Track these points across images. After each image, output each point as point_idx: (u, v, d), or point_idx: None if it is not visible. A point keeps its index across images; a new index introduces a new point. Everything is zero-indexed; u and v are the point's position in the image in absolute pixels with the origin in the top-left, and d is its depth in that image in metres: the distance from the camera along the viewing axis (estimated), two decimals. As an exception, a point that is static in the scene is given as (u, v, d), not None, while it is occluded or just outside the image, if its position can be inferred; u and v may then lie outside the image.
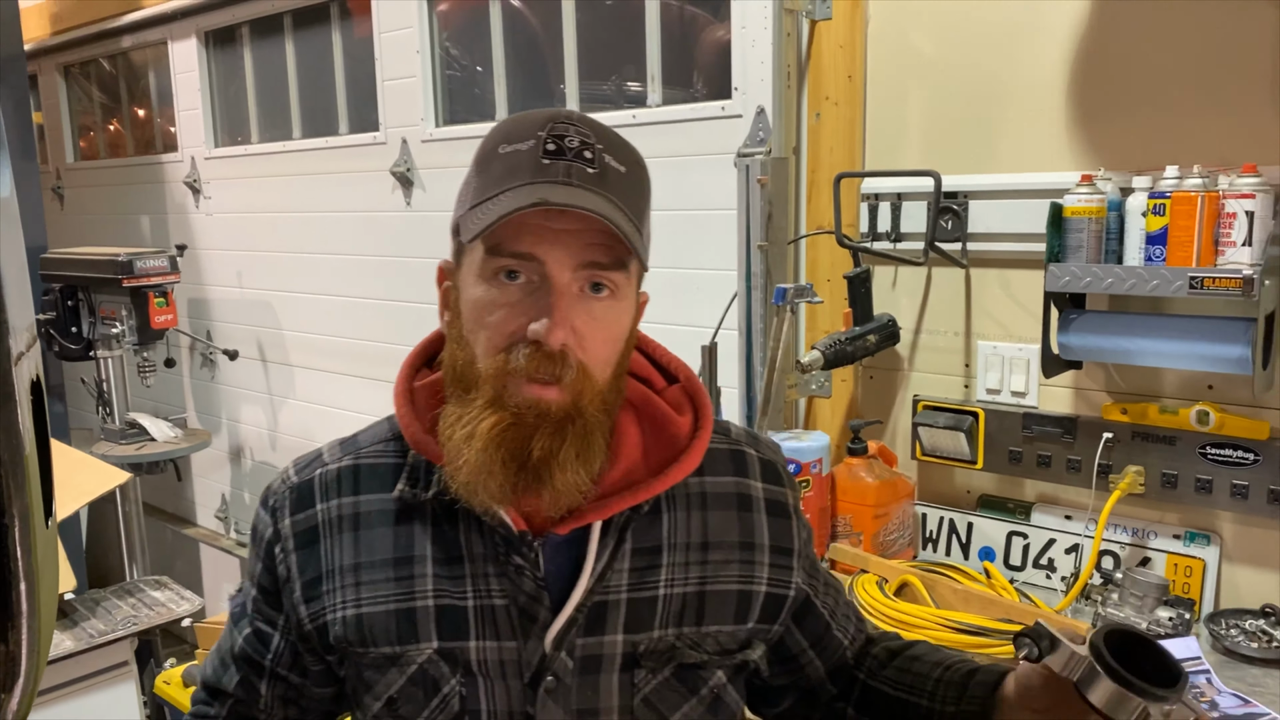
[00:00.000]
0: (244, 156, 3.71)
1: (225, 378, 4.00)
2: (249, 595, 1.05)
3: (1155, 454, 1.85)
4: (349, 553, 0.97)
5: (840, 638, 1.10)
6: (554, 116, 0.89)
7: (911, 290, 2.17)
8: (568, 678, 0.94)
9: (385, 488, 0.97)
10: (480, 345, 0.89)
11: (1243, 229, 1.61)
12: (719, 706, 1.00)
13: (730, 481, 1.02)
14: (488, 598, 0.94)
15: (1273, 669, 1.66)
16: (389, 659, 0.95)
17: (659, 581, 0.96)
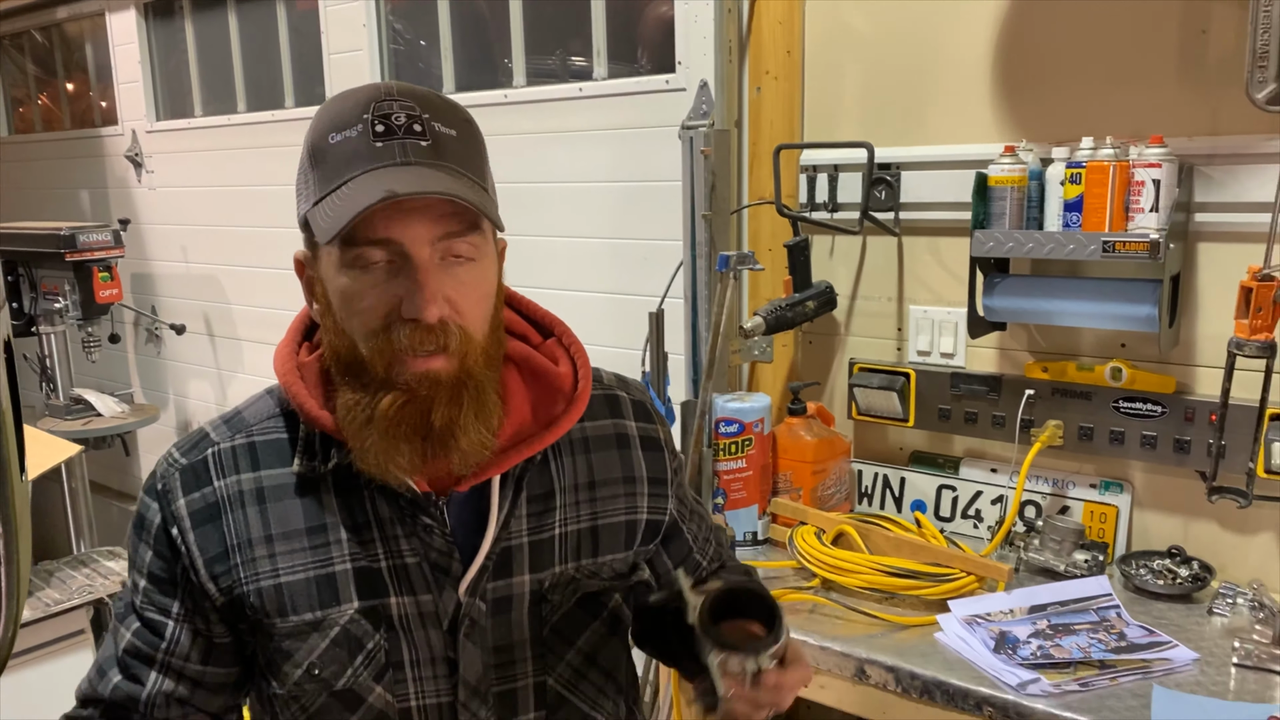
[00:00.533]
0: (187, 130, 3.69)
1: (172, 353, 3.98)
2: (136, 590, 1.02)
3: (1073, 409, 1.97)
4: (257, 525, 0.97)
5: (699, 560, 1.22)
6: (373, 95, 0.90)
7: (847, 258, 2.27)
8: (482, 620, 1.00)
9: (284, 462, 0.98)
10: (358, 332, 0.91)
11: (1150, 196, 1.73)
12: (616, 624, 1.10)
13: (609, 424, 1.10)
14: (400, 557, 0.97)
15: (1176, 603, 1.80)
16: (310, 625, 0.96)
17: (554, 522, 1.03)
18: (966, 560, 1.82)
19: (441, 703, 1.00)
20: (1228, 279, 1.78)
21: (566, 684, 1.05)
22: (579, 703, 1.07)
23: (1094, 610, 1.74)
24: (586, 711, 1.08)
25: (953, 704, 1.56)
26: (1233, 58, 1.73)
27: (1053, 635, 1.66)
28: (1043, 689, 1.51)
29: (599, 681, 1.08)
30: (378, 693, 0.98)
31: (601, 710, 1.09)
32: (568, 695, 1.06)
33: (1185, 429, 1.86)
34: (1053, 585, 1.81)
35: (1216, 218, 1.80)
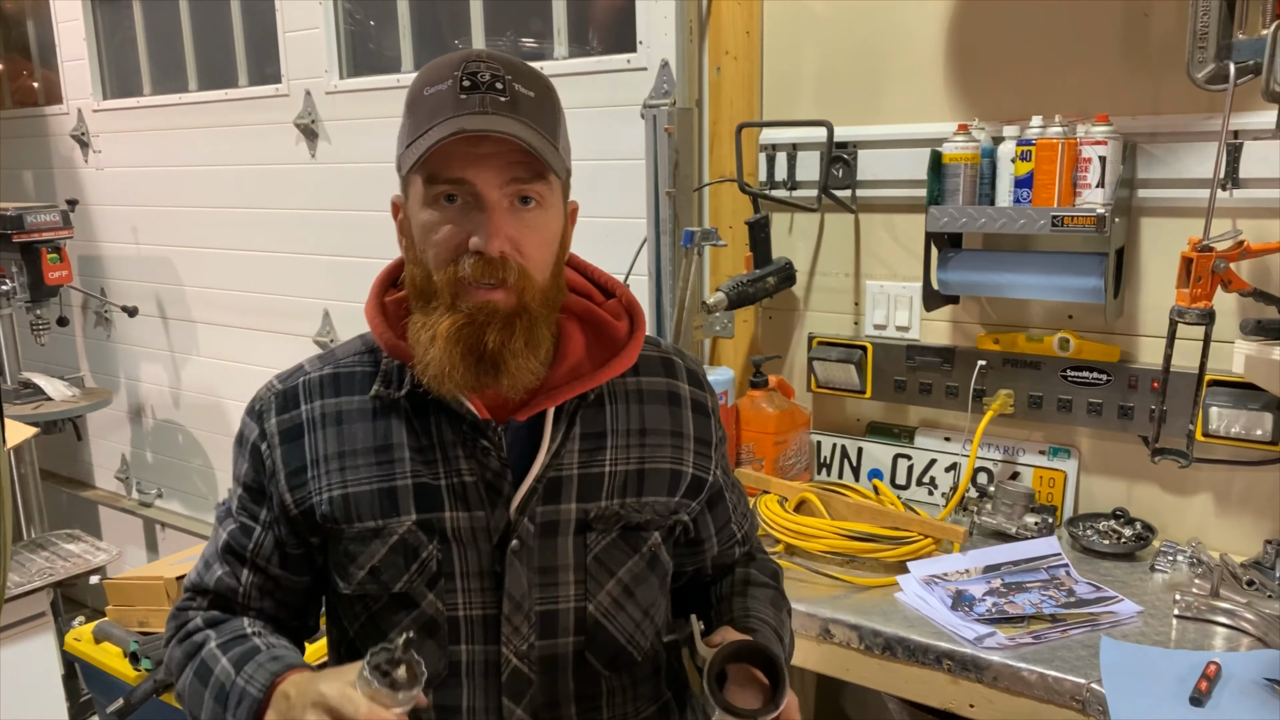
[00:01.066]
0: (136, 109, 3.63)
1: (122, 336, 3.93)
2: (234, 496, 1.16)
3: (1023, 378, 2.06)
4: (332, 444, 1.09)
5: (735, 531, 1.30)
6: (466, 57, 1.01)
7: (806, 235, 2.33)
8: (530, 540, 1.08)
9: (362, 390, 1.11)
10: (431, 260, 1.02)
11: (1096, 172, 1.81)
12: (655, 564, 1.16)
13: (662, 381, 1.19)
14: (458, 476, 1.08)
15: (1121, 561, 1.89)
16: (372, 532, 1.07)
17: (605, 460, 1.12)
18: (923, 524, 1.90)
19: (487, 615, 1.08)
20: (1169, 252, 1.86)
21: (605, 613, 1.12)
22: (615, 633, 1.13)
23: (1044, 569, 1.82)
24: (622, 644, 1.14)
25: (914, 659, 1.63)
26: (1173, 40, 1.81)
27: (1006, 593, 1.74)
28: (999, 642, 1.59)
29: (636, 616, 1.15)
30: (429, 599, 1.07)
31: (636, 647, 1.16)
32: (605, 624, 1.12)
33: (1129, 396, 1.94)
34: (1005, 546, 1.89)
35: (1158, 193, 1.88)
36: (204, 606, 1.16)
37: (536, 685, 1.10)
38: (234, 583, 1.14)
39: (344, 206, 3.07)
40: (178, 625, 1.17)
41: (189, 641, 1.13)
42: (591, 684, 1.13)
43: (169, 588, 2.90)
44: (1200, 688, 1.42)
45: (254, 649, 1.07)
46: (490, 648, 1.08)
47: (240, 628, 1.12)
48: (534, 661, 1.09)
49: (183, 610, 1.18)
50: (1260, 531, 1.88)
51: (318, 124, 3.08)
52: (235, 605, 1.15)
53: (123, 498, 4.10)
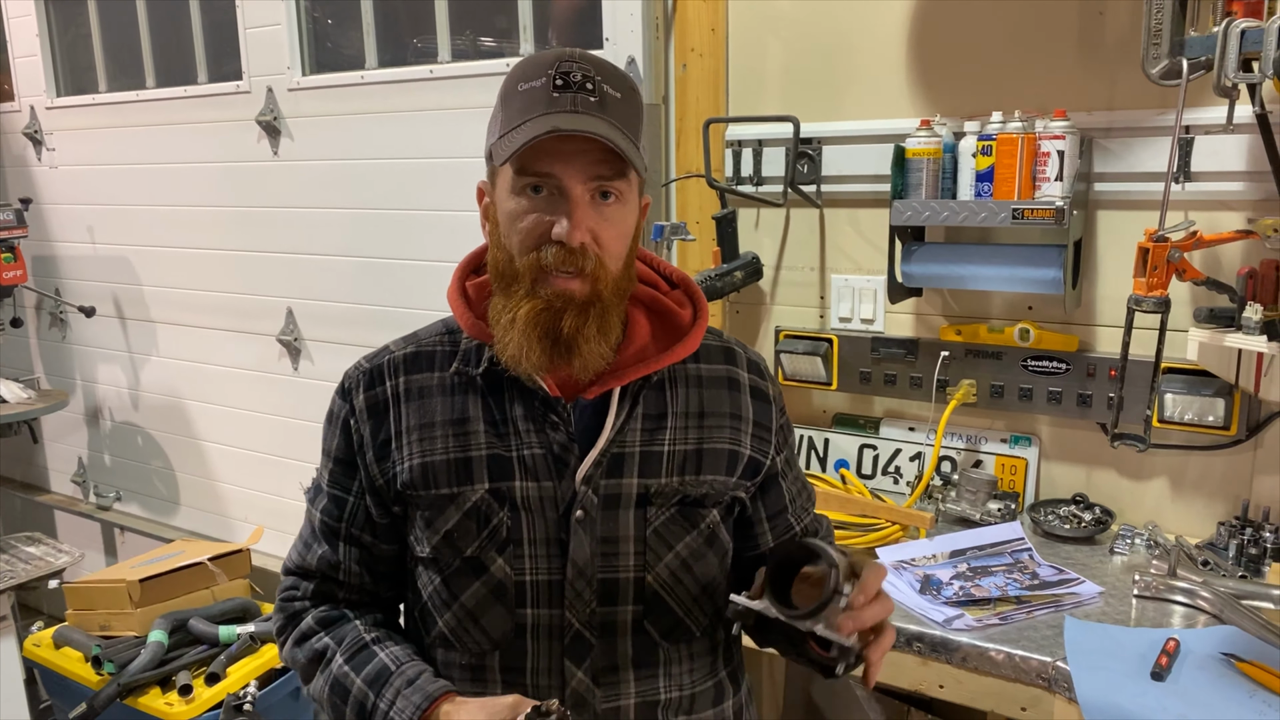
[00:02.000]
0: (91, 106, 3.57)
1: (79, 337, 3.86)
2: (325, 471, 1.23)
3: (985, 368, 2.10)
4: (414, 417, 1.17)
5: (793, 524, 1.30)
6: (560, 56, 1.07)
7: (772, 230, 2.36)
8: (593, 511, 1.14)
9: (442, 368, 1.19)
10: (515, 246, 1.09)
11: (1055, 166, 1.86)
12: (714, 541, 1.20)
13: (722, 369, 1.24)
14: (529, 449, 1.14)
15: (1081, 545, 1.94)
16: (448, 498, 1.15)
17: (665, 440, 1.17)
18: (891, 511, 1.93)
19: (552, 580, 1.14)
20: (1124, 244, 1.92)
21: (663, 584, 1.16)
22: (673, 605, 1.17)
23: (1008, 553, 1.87)
24: (680, 616, 1.18)
25: (884, 642, 1.66)
26: (1127, 37, 1.87)
27: (972, 576, 1.78)
28: (966, 624, 1.63)
29: (694, 590, 1.19)
30: (499, 564, 1.14)
31: (694, 620, 1.19)
32: (664, 595, 1.16)
33: (1087, 384, 2.00)
34: (970, 532, 1.93)
35: (1114, 187, 1.94)
36: (309, 593, 1.23)
37: (597, 649, 1.14)
38: (334, 558, 1.21)
39: (307, 204, 3.05)
40: (287, 618, 1.24)
41: (308, 647, 1.20)
42: (650, 652, 1.17)
43: (131, 590, 2.87)
44: (1161, 663, 1.47)
45: (385, 669, 1.14)
46: (555, 611, 1.14)
47: (358, 637, 1.18)
48: (595, 627, 1.14)
49: (289, 600, 1.24)
50: (1213, 514, 1.94)
51: (280, 121, 3.05)
52: (338, 584, 1.22)
53: (80, 501, 4.03)
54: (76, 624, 2.84)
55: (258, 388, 3.33)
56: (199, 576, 2.93)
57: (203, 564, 2.94)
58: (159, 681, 2.60)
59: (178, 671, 2.59)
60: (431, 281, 1.15)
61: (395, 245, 2.87)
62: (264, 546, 3.14)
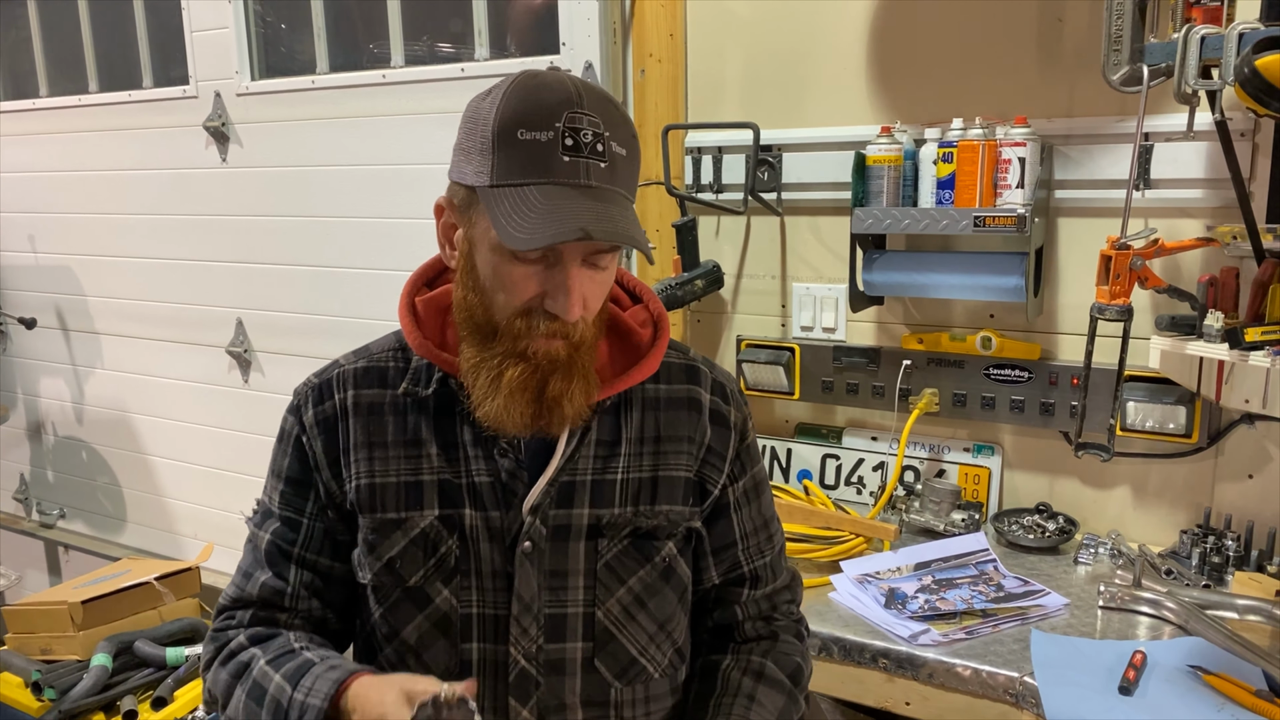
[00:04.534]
0: (32, 111, 3.46)
1: (19, 349, 3.74)
2: (274, 493, 1.16)
3: (947, 377, 2.08)
4: (362, 433, 1.12)
5: (742, 564, 1.21)
6: (566, 103, 0.97)
7: (733, 238, 2.33)
8: (541, 543, 1.09)
9: (394, 385, 1.13)
10: (499, 304, 1.03)
11: (1016, 173, 1.84)
12: (670, 575, 1.15)
13: (683, 389, 1.18)
14: (477, 476, 1.09)
15: (1045, 555, 1.92)
16: (395, 523, 1.10)
17: (619, 468, 1.12)
18: (855, 523, 1.90)
19: (498, 614, 1.09)
20: (1086, 252, 1.91)
21: (615, 621, 1.11)
22: (626, 643, 1.12)
23: (973, 565, 1.84)
24: (634, 655, 1.13)
25: (850, 658, 1.63)
26: (1085, 44, 1.86)
27: (938, 589, 1.75)
28: (932, 639, 1.60)
29: (650, 629, 1.13)
30: (444, 595, 1.09)
31: (651, 660, 1.14)
32: (615, 632, 1.11)
33: (1050, 392, 1.99)
34: (934, 543, 1.91)
35: (1074, 194, 1.93)
36: (245, 622, 1.14)
37: (544, 688, 1.09)
38: (281, 584, 1.14)
39: (257, 211, 2.97)
40: (217, 647, 1.15)
41: (234, 661, 1.11)
42: (600, 692, 1.12)
43: (74, 612, 2.77)
44: (1128, 676, 1.45)
45: (307, 662, 1.07)
46: (499, 647, 1.09)
47: (287, 643, 1.11)
48: (541, 664, 1.09)
49: (222, 630, 1.15)
50: (1176, 521, 1.93)
51: (228, 127, 2.97)
52: (282, 610, 1.14)
53: (22, 519, 3.90)
54: (16, 648, 2.74)
55: (207, 401, 3.24)
56: (145, 597, 2.83)
57: (149, 583, 2.84)
58: (103, 707, 2.52)
59: (122, 696, 2.51)
60: (386, 290, 1.10)
61: (348, 254, 2.81)
62: (214, 564, 3.05)
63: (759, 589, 1.23)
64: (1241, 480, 1.86)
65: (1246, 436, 1.85)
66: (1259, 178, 1.76)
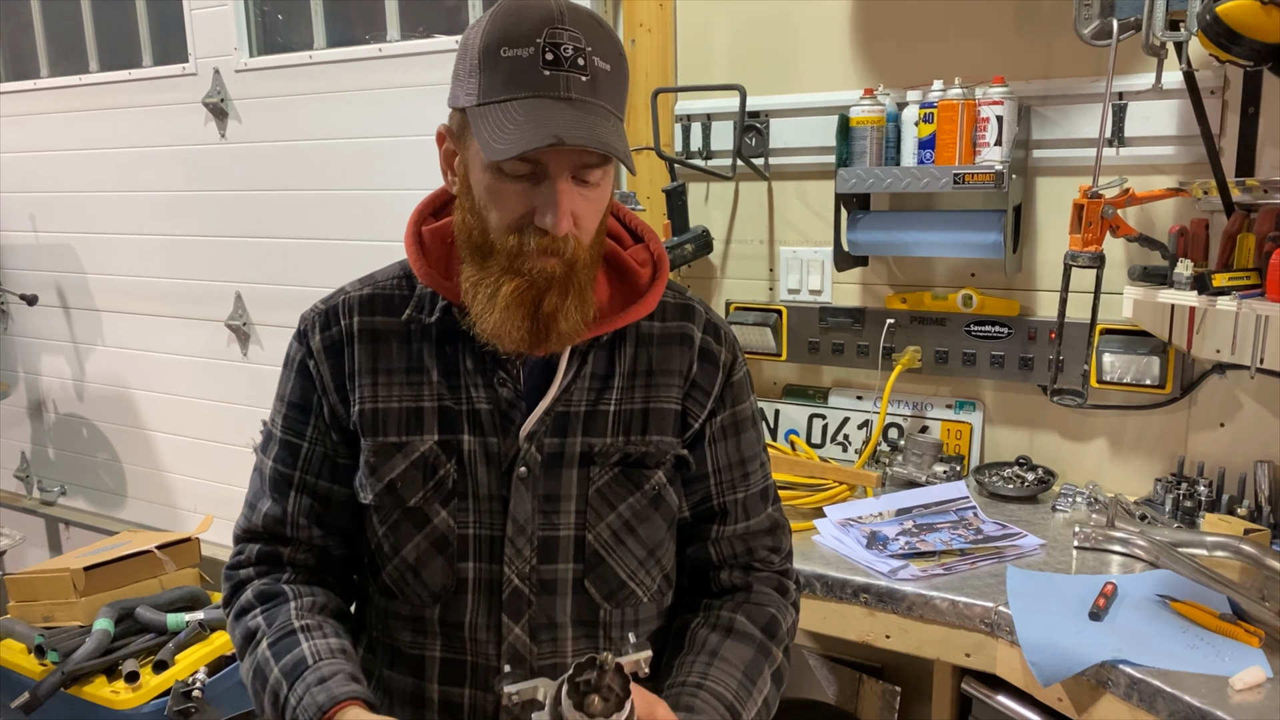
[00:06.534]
0: (33, 92, 3.51)
1: (20, 328, 3.78)
2: (278, 416, 1.20)
3: (929, 334, 2.14)
4: (367, 359, 1.15)
5: (712, 494, 1.21)
6: (548, 19, 0.99)
7: (722, 204, 2.39)
8: (536, 468, 1.13)
9: (397, 313, 1.17)
10: (493, 222, 1.06)
11: (994, 131, 1.90)
12: (660, 503, 1.18)
13: (676, 325, 1.20)
14: (476, 403, 1.14)
15: (1024, 504, 1.98)
16: (395, 446, 1.14)
17: (611, 400, 1.16)
18: (838, 471, 1.96)
19: (494, 535, 1.13)
20: (1063, 210, 1.95)
21: (604, 544, 1.15)
22: (615, 566, 1.16)
23: (954, 511, 1.90)
24: (623, 579, 1.17)
25: (832, 594, 1.68)
26: (1061, 7, 1.91)
27: (918, 532, 1.81)
28: (912, 573, 1.66)
29: (639, 554, 1.17)
30: (442, 516, 1.14)
31: (640, 584, 1.18)
32: (604, 555, 1.15)
33: (1029, 348, 2.04)
34: (916, 491, 1.96)
35: (1051, 153, 1.98)
36: (253, 559, 1.18)
37: (536, 606, 1.14)
38: (280, 512, 1.18)
39: (256, 186, 3.02)
40: (233, 588, 1.19)
41: (244, 624, 1.16)
42: (590, 612, 1.16)
43: (75, 579, 2.81)
44: (1098, 604, 1.50)
45: (301, 661, 1.10)
46: (494, 566, 1.13)
47: (287, 621, 1.13)
48: (534, 584, 1.13)
49: (235, 569, 1.20)
50: (1151, 471, 1.99)
51: (227, 103, 3.02)
52: (284, 542, 1.18)
53: (23, 497, 3.94)
54: (19, 616, 2.78)
55: (206, 375, 3.29)
56: (147, 565, 2.87)
57: (150, 552, 2.89)
58: (105, 670, 2.56)
59: (124, 659, 2.54)
60: (384, 261, 1.14)
61: (346, 226, 2.86)
62: (214, 536, 3.09)
63: (728, 525, 1.21)
64: (1214, 429, 1.92)
65: (1218, 386, 1.90)
66: (1228, 133, 1.82)
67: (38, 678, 2.54)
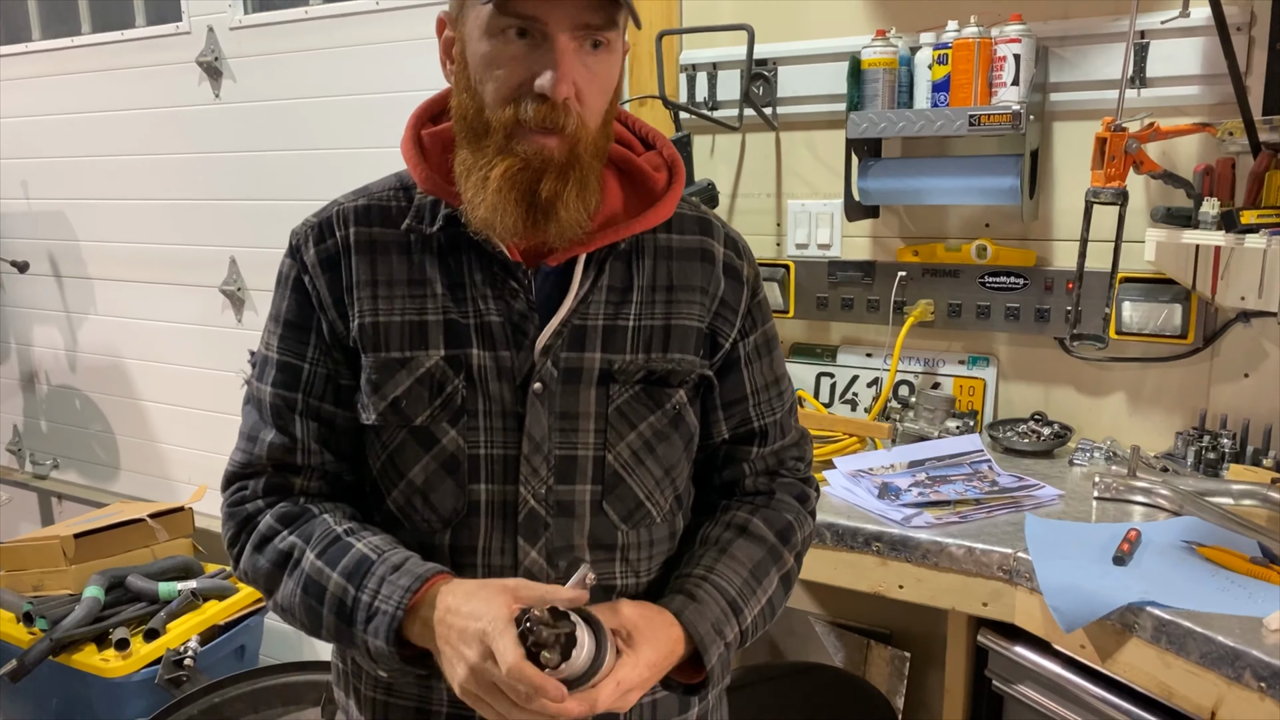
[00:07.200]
0: (25, 55, 3.44)
1: (12, 298, 3.72)
2: (273, 338, 1.12)
3: (942, 287, 2.07)
4: (366, 271, 1.08)
5: (752, 419, 1.18)
6: None
7: (728, 157, 2.32)
8: (553, 384, 1.06)
9: (395, 224, 1.09)
10: (489, 95, 0.99)
11: (1011, 71, 1.83)
12: (680, 423, 1.13)
13: (695, 239, 1.14)
14: (486, 315, 1.07)
15: (1040, 459, 1.92)
16: (399, 362, 1.07)
17: (630, 314, 1.09)
18: (848, 423, 1.90)
19: (507, 454, 1.07)
20: (1081, 155, 1.89)
21: (624, 464, 1.09)
22: (634, 486, 1.10)
23: (968, 464, 1.83)
24: (640, 499, 1.11)
25: (843, 543, 1.62)
26: (1082, -57, 1.85)
27: (931, 484, 1.74)
28: (926, 521, 1.59)
29: (656, 474, 1.12)
30: (451, 435, 1.07)
31: (656, 505, 1.12)
32: (625, 476, 1.10)
33: (1045, 298, 1.98)
34: (929, 443, 1.90)
35: (1070, 96, 1.92)
36: (260, 492, 1.10)
37: (552, 529, 1.08)
38: (289, 440, 1.09)
39: (250, 147, 2.95)
40: (239, 525, 1.10)
41: (271, 549, 1.07)
42: (608, 535, 1.10)
43: (65, 546, 2.76)
44: (1122, 549, 1.44)
45: (363, 558, 1.03)
46: (509, 487, 1.07)
47: (328, 529, 1.06)
48: (550, 505, 1.08)
49: (239, 505, 1.10)
50: (1172, 425, 1.92)
51: (221, 62, 2.96)
52: (295, 472, 1.10)
53: (15, 471, 3.88)
54: (8, 585, 2.72)
55: (200, 342, 3.23)
56: (138, 534, 2.82)
57: (143, 520, 2.83)
58: (95, 638, 2.50)
59: (114, 627, 2.49)
60: None
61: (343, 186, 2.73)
62: (207, 507, 3.03)
63: (767, 445, 1.20)
64: (1237, 380, 1.85)
65: (1242, 335, 1.84)
66: (1255, 71, 1.75)
67: (26, 646, 2.49)
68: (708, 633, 1.05)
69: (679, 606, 1.05)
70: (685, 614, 1.04)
